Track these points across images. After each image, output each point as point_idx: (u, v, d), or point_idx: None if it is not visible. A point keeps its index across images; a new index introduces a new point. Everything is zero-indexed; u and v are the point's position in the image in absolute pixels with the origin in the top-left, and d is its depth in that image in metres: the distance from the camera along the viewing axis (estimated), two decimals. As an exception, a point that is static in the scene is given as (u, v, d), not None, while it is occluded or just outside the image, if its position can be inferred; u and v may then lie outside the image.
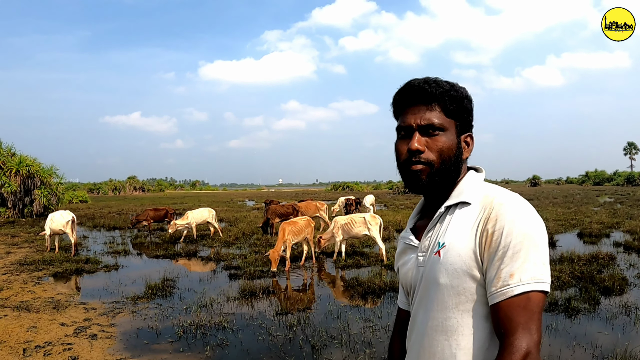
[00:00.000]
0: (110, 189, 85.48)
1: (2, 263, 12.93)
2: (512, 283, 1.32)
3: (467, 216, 1.48)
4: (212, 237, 17.18)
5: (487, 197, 1.48)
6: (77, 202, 46.28)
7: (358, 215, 12.33)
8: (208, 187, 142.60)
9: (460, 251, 1.43)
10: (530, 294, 1.32)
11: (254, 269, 11.04)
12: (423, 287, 1.54)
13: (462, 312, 1.44)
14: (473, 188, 1.54)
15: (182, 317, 7.68)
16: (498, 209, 1.41)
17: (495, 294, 1.35)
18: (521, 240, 1.35)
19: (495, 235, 1.38)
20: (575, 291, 8.59)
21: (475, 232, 1.43)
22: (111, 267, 12.20)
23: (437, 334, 1.48)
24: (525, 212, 1.41)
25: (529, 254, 1.34)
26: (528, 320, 1.31)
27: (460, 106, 1.55)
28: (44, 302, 8.70)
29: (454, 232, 1.47)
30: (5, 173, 28.29)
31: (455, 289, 1.44)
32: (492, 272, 1.37)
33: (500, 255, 1.35)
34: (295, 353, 6.09)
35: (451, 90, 1.54)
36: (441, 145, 1.51)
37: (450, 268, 1.44)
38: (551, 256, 11.50)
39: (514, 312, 1.31)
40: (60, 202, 30.55)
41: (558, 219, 21.38)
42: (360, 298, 8.63)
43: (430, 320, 1.50)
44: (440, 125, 1.51)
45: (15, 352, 6.23)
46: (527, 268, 1.33)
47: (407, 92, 1.57)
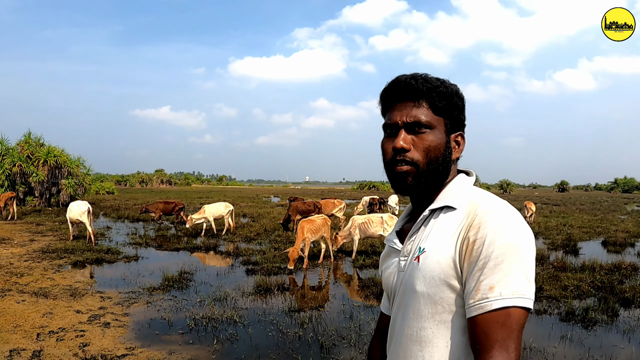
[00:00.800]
0: (138, 181, 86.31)
1: (25, 250, 13.16)
2: (492, 297, 1.24)
3: (451, 222, 1.40)
4: (231, 232, 17.26)
5: (472, 203, 1.40)
6: (103, 193, 46.90)
7: (376, 215, 12.35)
8: (235, 183, 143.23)
9: (439, 258, 1.36)
10: (510, 309, 1.23)
11: (272, 265, 11.07)
12: (401, 293, 1.48)
13: (437, 323, 1.37)
14: (460, 192, 1.46)
15: (195, 309, 7.73)
16: (482, 217, 1.33)
17: (472, 307, 1.27)
18: (504, 252, 1.26)
19: (476, 244, 1.30)
20: (594, 301, 8.43)
21: (457, 240, 1.35)
22: (131, 258, 12.33)
23: (411, 344, 1.42)
24: (510, 221, 1.32)
25: (511, 267, 1.25)
26: (506, 337, 1.22)
27: (449, 103, 1.47)
28: (62, 289, 8.83)
29: (435, 237, 1.40)
30: (34, 163, 28.82)
31: (431, 297, 1.36)
32: (471, 284, 1.28)
33: (481, 265, 1.27)
34: (303, 351, 6.09)
35: (440, 86, 1.46)
36: (428, 144, 1.44)
37: (428, 275, 1.37)
38: (572, 263, 11.37)
39: (492, 328, 1.23)
40: (87, 193, 31.03)
41: (583, 226, 21.11)
42: (375, 299, 8.58)
43: (406, 329, 1.44)
44: (428, 122, 1.44)
45: (29, 337, 6.34)
46: (508, 282, 1.24)
47: (393, 88, 1.50)
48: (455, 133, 1.52)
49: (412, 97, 1.47)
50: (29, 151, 29.24)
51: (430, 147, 1.44)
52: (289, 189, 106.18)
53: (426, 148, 1.44)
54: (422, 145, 1.44)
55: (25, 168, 28.39)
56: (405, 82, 1.48)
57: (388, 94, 1.53)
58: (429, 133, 1.45)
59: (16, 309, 7.53)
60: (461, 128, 1.54)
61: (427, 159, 1.44)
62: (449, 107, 1.48)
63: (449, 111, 1.48)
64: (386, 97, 1.54)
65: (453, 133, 1.51)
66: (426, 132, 1.45)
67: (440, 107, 1.46)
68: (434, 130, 1.46)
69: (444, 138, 1.47)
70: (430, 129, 1.45)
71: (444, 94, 1.46)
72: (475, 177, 1.62)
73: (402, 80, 1.49)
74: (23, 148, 29.52)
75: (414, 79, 1.47)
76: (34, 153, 29.19)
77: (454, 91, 1.49)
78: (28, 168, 28.43)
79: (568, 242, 15.11)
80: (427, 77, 1.48)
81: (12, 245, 13.93)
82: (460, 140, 1.53)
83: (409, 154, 1.44)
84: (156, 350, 6.02)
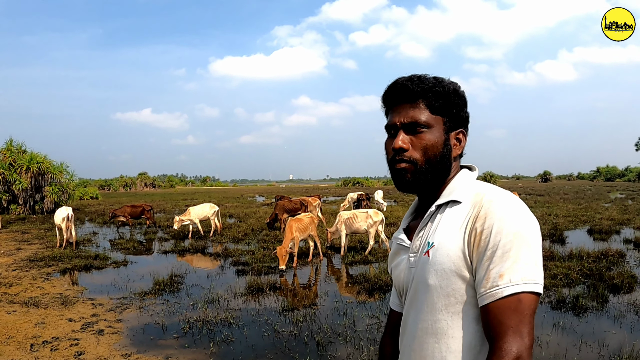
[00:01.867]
0: (121, 185, 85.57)
1: (12, 259, 13.02)
2: (502, 284, 1.27)
3: (457, 215, 1.44)
4: (218, 233, 17.20)
5: (477, 195, 1.44)
6: (87, 198, 46.50)
7: (361, 211, 12.44)
8: (219, 183, 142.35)
9: (449, 251, 1.39)
10: (521, 295, 1.27)
11: (262, 265, 11.07)
12: (413, 289, 1.51)
13: (451, 314, 1.40)
14: (464, 186, 1.50)
15: (188, 313, 7.70)
16: (487, 207, 1.37)
17: (484, 296, 1.31)
18: (511, 239, 1.30)
19: (484, 234, 1.33)
20: (584, 289, 8.52)
21: (464, 231, 1.39)
22: (120, 263, 12.25)
23: (427, 337, 1.45)
24: (516, 210, 1.36)
25: (519, 254, 1.29)
26: (519, 323, 1.25)
27: (447, 102, 1.51)
28: (52, 297, 8.75)
29: (444, 231, 1.43)
30: (16, 170, 28.53)
31: (444, 290, 1.40)
32: (481, 273, 1.32)
33: (490, 254, 1.31)
34: (300, 349, 6.10)
35: (436, 86, 1.50)
36: (425, 143, 1.48)
37: (439, 268, 1.40)
38: (560, 252, 11.47)
39: (504, 314, 1.26)
40: (71, 199, 30.75)
41: (568, 215, 21.29)
42: (367, 294, 8.61)
43: (421, 323, 1.47)
44: (425, 122, 1.48)
45: (22, 347, 6.28)
46: (517, 268, 1.28)
47: (392, 90, 1.55)
48: (456, 130, 1.55)
49: (409, 98, 1.51)
50: (11, 158, 28.92)
51: (428, 145, 1.48)
52: (273, 187, 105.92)
53: (424, 147, 1.48)
54: (420, 145, 1.49)
55: (7, 176, 28.09)
56: (402, 85, 1.52)
57: (387, 97, 1.57)
58: (426, 132, 1.49)
59: (7, 319, 7.45)
60: (462, 125, 1.57)
61: (425, 157, 1.48)
62: (446, 106, 1.51)
63: (446, 110, 1.52)
64: (386, 100, 1.59)
65: (453, 131, 1.55)
66: (424, 131, 1.49)
67: (437, 107, 1.50)
68: (432, 129, 1.50)
69: (443, 136, 1.51)
70: (427, 128, 1.49)
71: (440, 93, 1.50)
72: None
73: (399, 83, 1.53)
74: (5, 155, 29.18)
75: (410, 80, 1.52)
76: (16, 160, 28.87)
77: (451, 90, 1.52)
78: (11, 176, 28.12)
79: (554, 232, 15.22)
80: (424, 78, 1.52)
81: (-1, 255, 13.78)
82: (461, 137, 1.57)
83: (408, 154, 1.49)
84: (152, 356, 6.00)
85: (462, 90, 1.56)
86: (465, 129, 1.58)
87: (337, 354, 5.92)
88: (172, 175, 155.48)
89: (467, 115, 1.58)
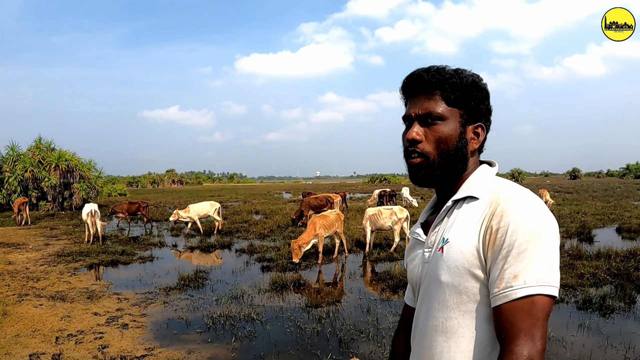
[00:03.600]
0: (149, 182, 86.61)
1: (40, 254, 13.23)
2: (516, 285, 1.24)
3: (474, 211, 1.40)
4: (222, 231, 17.25)
5: (494, 192, 1.40)
6: (115, 195, 47.04)
7: (386, 207, 12.40)
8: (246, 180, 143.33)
9: (463, 248, 1.36)
10: (535, 297, 1.23)
11: (287, 262, 11.08)
12: (426, 285, 1.49)
13: (463, 313, 1.37)
14: (483, 182, 1.46)
15: (212, 308, 7.74)
16: (504, 205, 1.33)
17: (497, 296, 1.27)
18: (527, 239, 1.26)
19: (499, 232, 1.30)
20: (611, 289, 8.36)
21: (480, 229, 1.35)
22: (146, 259, 12.38)
23: (437, 335, 1.42)
24: (533, 209, 1.31)
25: (535, 254, 1.25)
26: (531, 326, 1.22)
27: (464, 94, 1.47)
28: (78, 292, 8.86)
29: (459, 227, 1.40)
30: (45, 168, 28.99)
31: (456, 287, 1.37)
32: (495, 272, 1.29)
33: (505, 254, 1.27)
34: (322, 346, 6.07)
35: (453, 77, 1.46)
36: (439, 135, 1.45)
37: (452, 265, 1.37)
38: (587, 251, 11.28)
39: (517, 316, 1.23)
40: (99, 195, 31.17)
41: (597, 213, 20.95)
42: (391, 292, 8.56)
43: (431, 320, 1.44)
44: (439, 114, 1.45)
45: (48, 340, 6.36)
46: (532, 269, 1.24)
47: (409, 81, 1.52)
48: (474, 124, 1.51)
49: (425, 90, 1.48)
50: (40, 156, 29.43)
51: (441, 138, 1.45)
52: (300, 184, 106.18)
53: (437, 139, 1.46)
54: (433, 137, 1.46)
55: (37, 173, 28.57)
56: (418, 75, 1.49)
57: (405, 88, 1.55)
58: (440, 124, 1.46)
59: (34, 313, 7.56)
60: (481, 119, 1.52)
61: (438, 150, 1.46)
62: (463, 98, 1.47)
63: (464, 102, 1.48)
64: (403, 91, 1.56)
65: (471, 124, 1.50)
66: (438, 123, 1.46)
67: (454, 99, 1.47)
68: (447, 122, 1.46)
69: (458, 129, 1.47)
70: (442, 121, 1.46)
71: (457, 84, 1.46)
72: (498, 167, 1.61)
73: (416, 74, 1.50)
74: (34, 153, 29.70)
75: (427, 71, 1.49)
76: (45, 158, 29.37)
77: (469, 82, 1.48)
78: (40, 173, 28.61)
79: (582, 230, 14.97)
80: (441, 69, 1.49)
81: (28, 250, 14.02)
82: (479, 131, 1.52)
83: (420, 146, 1.46)
84: (175, 350, 6.03)
85: (484, 83, 1.52)
86: (485, 123, 1.53)
87: (360, 351, 5.88)
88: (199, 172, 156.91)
89: (487, 108, 1.53)
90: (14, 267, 11.42)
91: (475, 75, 1.51)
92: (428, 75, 1.47)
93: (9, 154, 29.58)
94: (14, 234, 18.14)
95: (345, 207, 25.27)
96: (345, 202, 26.12)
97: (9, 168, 28.72)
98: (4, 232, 18.63)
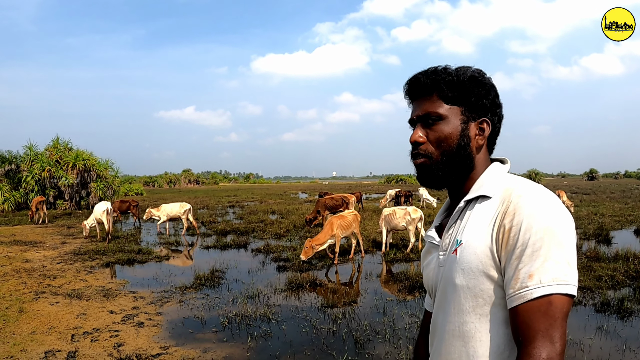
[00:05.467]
0: (166, 181, 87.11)
1: (57, 253, 13.31)
2: (531, 285, 1.20)
3: (486, 211, 1.37)
4: (196, 233, 17.45)
5: (507, 190, 1.36)
6: (132, 194, 47.28)
7: (401, 208, 12.37)
8: (262, 180, 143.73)
9: (476, 249, 1.32)
10: (552, 297, 1.19)
11: (302, 261, 11.02)
12: (442, 289, 1.46)
13: (479, 317, 1.33)
14: (494, 180, 1.43)
15: (228, 307, 7.72)
16: (516, 202, 1.29)
17: (513, 297, 1.24)
18: (541, 237, 1.22)
19: (512, 231, 1.26)
20: (629, 291, 8.22)
21: (492, 228, 1.32)
22: (162, 258, 12.40)
23: (454, 340, 1.39)
24: (547, 205, 1.27)
25: (550, 252, 1.21)
26: (549, 327, 1.18)
27: (463, 91, 1.45)
28: (94, 290, 8.89)
29: (472, 228, 1.37)
30: (63, 167, 29.26)
31: (471, 290, 1.33)
32: (510, 273, 1.25)
33: (519, 253, 1.23)
34: (338, 346, 6.02)
35: (449, 75, 1.46)
36: (439, 135, 1.45)
37: (466, 267, 1.34)
38: (605, 253, 11.13)
39: (533, 317, 1.20)
40: (116, 195, 31.36)
41: (614, 215, 20.73)
42: (408, 292, 8.50)
43: (448, 325, 1.41)
44: (437, 114, 1.45)
45: (63, 337, 6.37)
46: (548, 268, 1.20)
47: (409, 86, 1.54)
48: (477, 120, 1.48)
49: (423, 92, 1.49)
50: (58, 156, 29.75)
51: (441, 137, 1.45)
52: (316, 184, 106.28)
53: (437, 139, 1.46)
54: (434, 137, 1.46)
55: (54, 172, 28.87)
56: (415, 79, 1.51)
57: (407, 92, 1.56)
58: (440, 124, 1.46)
59: (50, 310, 7.58)
60: (486, 114, 1.49)
61: (440, 149, 1.46)
62: (462, 95, 1.47)
63: (463, 99, 1.47)
64: (407, 95, 1.57)
65: (474, 120, 1.48)
66: (438, 123, 1.46)
67: (452, 97, 1.46)
68: (446, 120, 1.46)
69: (459, 127, 1.46)
70: (441, 120, 1.46)
71: (454, 82, 1.46)
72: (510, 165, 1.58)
73: (413, 78, 1.52)
74: (52, 153, 30.03)
75: (423, 74, 1.50)
76: (62, 157, 29.68)
77: (466, 78, 1.46)
78: (57, 172, 28.91)
79: (600, 232, 14.76)
80: (439, 70, 1.49)
81: (44, 249, 14.12)
82: (485, 126, 1.48)
83: (423, 147, 1.47)
84: (190, 349, 6.01)
85: (486, 77, 1.50)
86: (491, 118, 1.49)
87: (375, 352, 5.82)
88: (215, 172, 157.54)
89: (492, 102, 1.49)
90: (30, 264, 11.49)
91: (476, 70, 1.50)
92: (424, 77, 1.48)
93: (27, 154, 29.97)
94: (31, 232, 18.30)
95: (361, 207, 25.22)
96: (362, 202, 26.06)
97: (26, 167, 29.07)
98: (22, 231, 18.81)
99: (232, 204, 33.66)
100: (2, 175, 29.46)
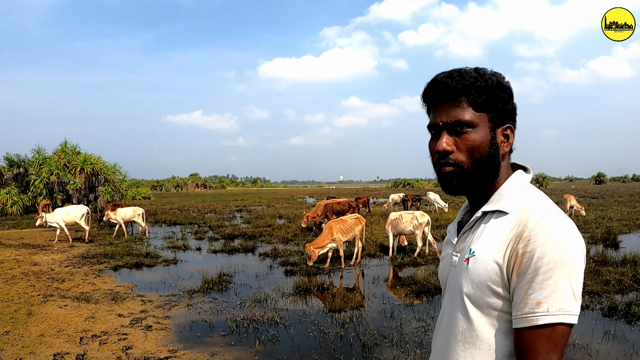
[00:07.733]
0: (173, 185, 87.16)
1: (65, 256, 13.36)
2: (539, 312, 1.24)
3: (501, 228, 1.38)
4: (147, 236, 17.78)
5: (524, 210, 1.36)
6: (140, 198, 47.46)
7: (408, 212, 12.35)
8: (269, 184, 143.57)
9: (487, 265, 1.35)
10: (556, 325, 1.24)
11: (310, 266, 11.02)
12: (450, 290, 1.50)
13: (482, 326, 1.37)
14: (514, 194, 1.43)
15: (236, 311, 7.73)
16: (532, 228, 1.29)
17: (520, 319, 1.27)
18: (552, 267, 1.24)
19: (525, 257, 1.28)
20: (637, 295, 8.20)
21: (506, 249, 1.33)
22: (170, 262, 12.44)
23: (456, 343, 1.43)
24: (561, 236, 1.28)
25: (559, 283, 1.24)
26: (550, 351, 1.24)
27: (491, 97, 1.42)
28: (103, 293, 8.92)
29: (485, 243, 1.39)
30: (71, 171, 29.36)
31: (478, 301, 1.37)
32: (519, 295, 1.28)
33: (529, 279, 1.26)
34: (345, 351, 6.03)
35: (478, 80, 1.41)
36: (471, 144, 1.40)
37: (476, 280, 1.37)
38: (613, 257, 11.09)
39: (537, 341, 1.25)
40: (124, 199, 31.43)
41: (622, 219, 20.66)
42: (415, 297, 8.49)
43: (452, 327, 1.45)
44: (469, 121, 1.40)
45: (72, 340, 6.40)
46: (556, 298, 1.24)
47: (432, 88, 1.47)
48: (503, 126, 1.46)
49: (450, 96, 1.43)
50: (66, 160, 29.83)
51: (474, 146, 1.41)
52: (323, 189, 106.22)
53: (469, 148, 1.41)
54: (465, 146, 1.41)
55: (62, 176, 28.94)
56: (441, 82, 1.44)
57: (428, 95, 1.49)
58: (471, 132, 1.41)
59: (59, 313, 7.62)
60: (509, 120, 1.48)
61: (471, 159, 1.41)
62: (491, 101, 1.43)
63: (491, 105, 1.43)
64: (426, 98, 1.51)
65: (500, 127, 1.46)
66: (468, 131, 1.41)
67: (481, 103, 1.42)
68: (477, 129, 1.42)
69: (489, 135, 1.43)
70: (472, 128, 1.41)
71: (483, 88, 1.42)
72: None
73: (439, 80, 1.45)
74: (60, 157, 30.11)
75: (450, 77, 1.43)
76: (70, 161, 29.75)
77: (494, 83, 1.43)
78: (65, 176, 28.98)
79: (608, 236, 14.70)
80: (465, 73, 1.44)
81: (53, 252, 14.19)
82: (509, 133, 1.48)
83: (453, 156, 1.42)
84: (198, 352, 6.02)
85: (507, 82, 1.47)
86: (513, 124, 1.48)
87: (383, 356, 5.82)
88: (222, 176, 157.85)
89: (513, 107, 1.48)
90: (39, 268, 11.55)
91: (498, 74, 1.46)
92: (452, 81, 1.41)
93: (35, 157, 30.05)
94: (39, 235, 18.40)
95: (368, 211, 25.20)
96: (369, 206, 26.02)
97: (34, 171, 29.16)
98: (30, 234, 18.90)
99: (239, 208, 33.66)
100: (11, 178, 29.59)
